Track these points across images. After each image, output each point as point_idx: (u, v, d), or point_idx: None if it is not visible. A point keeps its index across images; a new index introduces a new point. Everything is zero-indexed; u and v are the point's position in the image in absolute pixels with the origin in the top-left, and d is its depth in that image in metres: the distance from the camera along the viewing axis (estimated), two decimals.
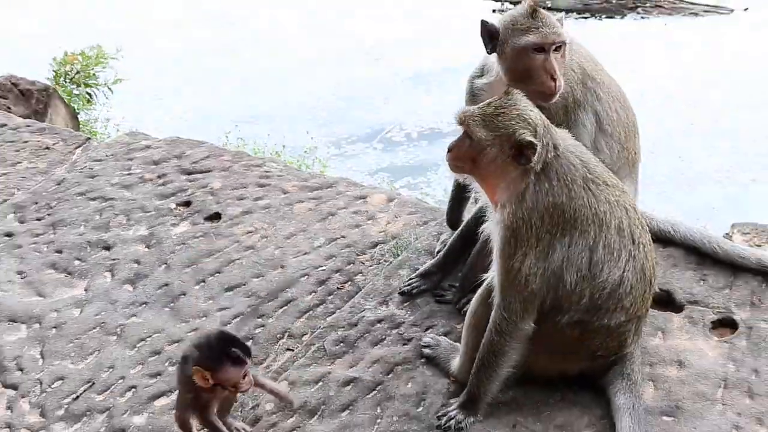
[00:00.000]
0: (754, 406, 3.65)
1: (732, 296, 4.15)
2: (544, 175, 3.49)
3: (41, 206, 5.40)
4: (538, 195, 3.48)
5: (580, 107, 4.09)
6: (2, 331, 4.56)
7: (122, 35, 16.31)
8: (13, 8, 20.07)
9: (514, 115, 3.47)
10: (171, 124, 13.87)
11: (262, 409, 3.94)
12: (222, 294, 4.62)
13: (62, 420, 4.07)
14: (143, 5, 20.23)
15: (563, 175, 3.50)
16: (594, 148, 4.10)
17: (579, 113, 4.09)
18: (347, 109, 15.24)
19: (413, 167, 13.45)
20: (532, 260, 3.49)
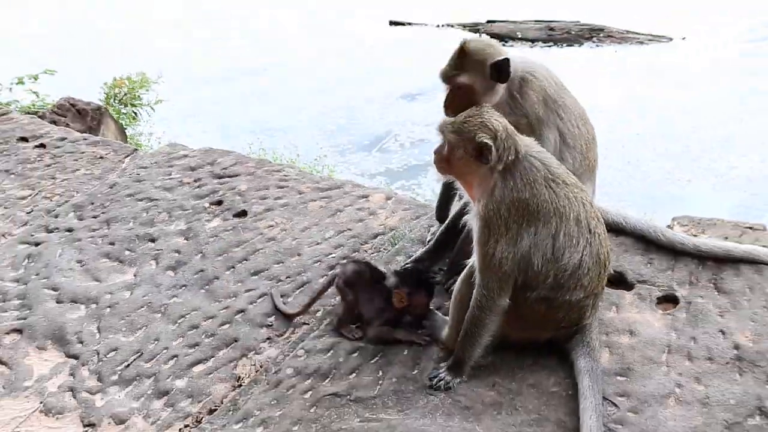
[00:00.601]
0: (693, 367, 3.65)
1: (674, 276, 4.15)
2: (509, 174, 3.54)
3: (97, 206, 5.40)
4: (504, 191, 3.52)
5: (543, 125, 4.08)
6: (65, 310, 4.56)
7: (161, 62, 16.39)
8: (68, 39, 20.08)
9: (478, 122, 3.54)
10: (203, 136, 13.90)
11: (283, 374, 3.94)
12: (249, 278, 4.62)
13: (116, 384, 4.07)
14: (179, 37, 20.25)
15: (526, 175, 3.54)
16: (559, 158, 4.09)
17: (543, 129, 4.08)
18: (350, 123, 15.29)
19: (406, 171, 13.48)
20: (503, 246, 3.51)
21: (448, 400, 3.64)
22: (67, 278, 4.80)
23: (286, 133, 15.02)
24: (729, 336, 3.77)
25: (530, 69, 4.10)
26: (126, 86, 13.48)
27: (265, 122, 15.66)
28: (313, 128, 15.25)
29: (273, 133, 14.98)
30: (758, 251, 4.17)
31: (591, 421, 3.37)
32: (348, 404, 3.71)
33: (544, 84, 4.11)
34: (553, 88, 4.13)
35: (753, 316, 3.86)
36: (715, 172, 12.75)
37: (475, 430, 3.49)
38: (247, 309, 4.40)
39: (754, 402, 3.46)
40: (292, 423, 3.66)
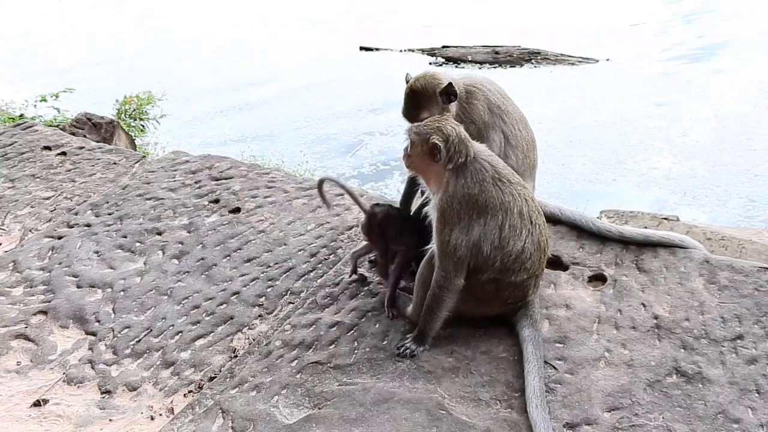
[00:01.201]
0: (619, 335, 3.67)
1: (602, 259, 4.17)
2: (461, 173, 3.56)
3: (111, 205, 5.34)
4: (456, 187, 3.54)
5: (489, 128, 4.10)
6: (85, 294, 4.51)
7: (164, 80, 16.34)
8: (81, 62, 19.94)
9: (434, 127, 3.58)
10: (201, 145, 13.88)
11: (273, 345, 3.92)
12: (242, 264, 4.59)
13: (129, 357, 4.03)
14: (180, 58, 20.16)
15: (476, 174, 3.56)
16: (504, 156, 4.11)
17: (489, 132, 4.10)
18: (327, 134, 15.28)
19: (375, 174, 13.49)
20: (456, 234, 3.53)
21: (414, 366, 3.64)
22: (86, 267, 4.74)
23: (272, 142, 14.99)
24: (649, 308, 3.80)
25: (474, 82, 4.14)
26: (135, 103, 13.44)
27: (254, 133, 15.63)
28: (296, 138, 15.22)
29: (261, 142, 14.95)
30: (672, 236, 4.21)
31: (534, 382, 3.39)
32: (328, 370, 3.70)
33: (487, 93, 4.14)
34: (495, 96, 4.16)
35: (669, 291, 3.89)
36: (637, 173, 12.84)
37: (436, 391, 3.49)
38: (242, 291, 4.38)
39: (671, 363, 3.48)
40: (280, 387, 3.65)
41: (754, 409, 3.25)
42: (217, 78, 18.76)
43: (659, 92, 16.00)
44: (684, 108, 15.20)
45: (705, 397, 3.32)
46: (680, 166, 13.04)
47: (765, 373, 3.39)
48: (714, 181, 12.46)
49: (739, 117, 14.62)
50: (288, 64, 19.54)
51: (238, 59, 20.10)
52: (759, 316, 3.65)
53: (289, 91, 17.69)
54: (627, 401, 3.34)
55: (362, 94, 17.12)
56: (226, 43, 21.64)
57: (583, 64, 17.60)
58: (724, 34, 19.13)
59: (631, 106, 15.44)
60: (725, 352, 3.51)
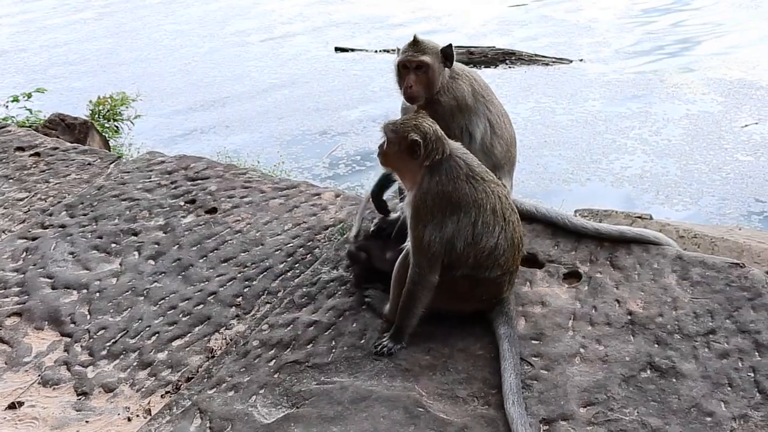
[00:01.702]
0: (594, 331, 3.72)
1: (577, 256, 4.20)
2: (436, 170, 3.59)
3: (86, 205, 5.30)
4: (431, 184, 3.58)
5: (473, 113, 4.15)
6: (60, 295, 4.48)
7: (139, 82, 16.28)
8: (55, 62, 19.79)
9: (412, 124, 3.61)
10: (175, 146, 13.82)
11: (250, 345, 3.92)
12: (219, 265, 4.58)
13: (105, 358, 4.02)
14: (155, 59, 20.05)
15: (450, 172, 3.60)
16: (490, 145, 4.16)
17: (473, 118, 4.15)
18: (303, 135, 15.24)
19: (351, 175, 13.50)
20: (430, 230, 3.57)
21: (391, 364, 3.66)
22: (61, 268, 4.71)
23: (248, 143, 14.94)
24: (623, 304, 3.84)
25: (459, 68, 4.19)
26: (109, 104, 13.36)
27: (229, 133, 15.58)
28: (271, 139, 15.17)
29: (236, 143, 14.91)
30: (646, 233, 4.25)
31: (511, 379, 3.41)
32: (306, 370, 3.71)
33: (471, 79, 4.20)
34: (479, 84, 4.22)
35: (642, 287, 3.93)
36: (611, 172, 12.92)
37: (414, 389, 3.51)
38: (218, 291, 4.37)
39: (645, 358, 3.53)
40: (258, 387, 3.65)
41: (727, 402, 3.30)
42: (191, 79, 18.66)
43: (632, 92, 16.12)
44: (656, 107, 15.32)
45: (678, 391, 3.36)
46: (653, 164, 13.14)
47: (737, 366, 3.44)
48: (686, 180, 12.59)
49: (709, 116, 14.77)
50: (263, 64, 19.46)
51: (211, 60, 19.99)
52: (730, 311, 3.71)
53: (264, 92, 17.62)
54: (602, 396, 3.38)
55: (338, 94, 17.11)
56: (198, 43, 21.52)
57: (557, 64, 17.68)
58: (695, 34, 19.32)
59: (604, 105, 15.54)
60: (698, 346, 3.56)
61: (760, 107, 14.91)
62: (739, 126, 14.28)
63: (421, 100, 4.05)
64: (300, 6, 24.53)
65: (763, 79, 16.14)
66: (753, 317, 3.65)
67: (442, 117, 4.00)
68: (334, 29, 21.86)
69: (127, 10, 25.49)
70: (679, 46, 18.68)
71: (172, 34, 22.52)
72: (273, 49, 20.52)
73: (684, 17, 20.71)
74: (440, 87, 4.05)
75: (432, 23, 21.53)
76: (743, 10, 20.82)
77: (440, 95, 4.05)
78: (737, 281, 3.86)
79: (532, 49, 18.45)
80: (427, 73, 3.99)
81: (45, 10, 25.96)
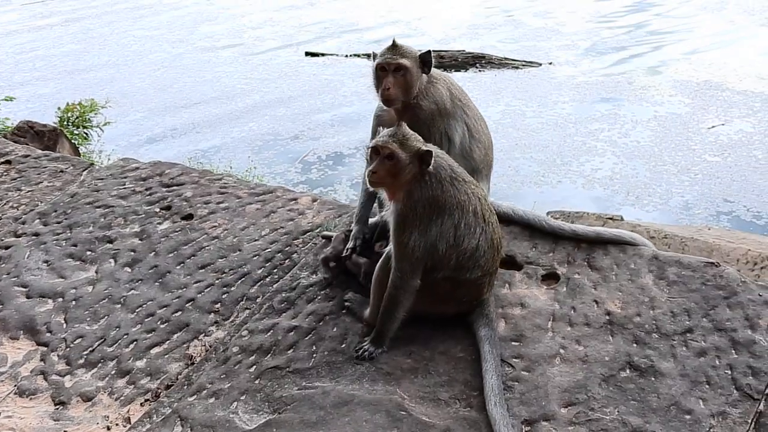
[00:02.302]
0: (573, 331, 3.75)
1: (555, 257, 4.23)
2: (424, 176, 3.59)
3: (59, 213, 5.23)
4: (422, 191, 3.58)
5: (451, 117, 4.16)
6: (35, 304, 4.43)
7: (107, 88, 16.15)
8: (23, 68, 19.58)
9: (413, 138, 3.61)
10: (147, 153, 13.72)
11: (230, 351, 3.91)
12: (197, 271, 4.55)
13: (83, 367, 3.98)
14: (124, 67, 19.90)
15: (436, 175, 3.61)
16: (469, 149, 4.18)
17: (451, 121, 4.16)
18: (275, 140, 15.19)
19: (324, 179, 13.46)
20: (416, 236, 3.58)
21: (373, 368, 3.66)
22: (36, 276, 4.65)
23: (219, 149, 14.87)
24: (602, 305, 3.88)
25: (435, 72, 4.18)
26: (78, 110, 13.21)
27: (200, 139, 15.49)
28: (242, 145, 15.10)
29: (207, 149, 14.84)
30: (623, 234, 4.29)
31: (492, 380, 3.43)
32: (287, 375, 3.70)
33: (448, 83, 4.22)
34: (456, 89, 4.24)
35: (620, 288, 3.97)
36: (582, 174, 13.02)
37: (396, 392, 3.52)
38: (197, 298, 4.34)
39: (624, 358, 3.57)
40: (239, 393, 3.64)
41: (705, 400, 3.34)
42: (160, 84, 18.53)
43: (600, 94, 16.27)
44: (624, 109, 15.47)
45: (658, 390, 3.40)
46: (623, 166, 13.27)
47: (714, 364, 3.49)
48: (655, 181, 12.72)
49: (677, 117, 14.95)
50: (232, 69, 19.37)
51: (180, 65, 19.87)
52: (707, 310, 3.75)
53: (234, 97, 17.54)
54: (583, 396, 3.41)
55: (308, 99, 17.09)
56: (167, 49, 21.37)
57: (527, 68, 17.79)
58: (661, 37, 19.55)
59: (573, 108, 15.67)
60: (676, 345, 3.60)
61: (726, 108, 15.12)
62: (706, 127, 14.47)
63: (398, 104, 4.05)
64: (269, 11, 24.46)
65: (729, 80, 16.38)
66: (729, 315, 3.70)
67: (423, 122, 4.01)
68: (303, 34, 21.82)
69: (95, 16, 25.23)
70: (646, 48, 18.89)
71: (140, 40, 22.33)
72: (243, 54, 20.44)
73: (650, 20, 20.96)
74: (418, 92, 4.05)
75: (402, 27, 21.56)
76: (708, 12, 21.11)
77: (420, 100, 4.05)
78: (713, 280, 3.91)
79: (502, 53, 18.55)
80: (405, 76, 3.98)
81: (10, 16, 25.65)
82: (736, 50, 17.94)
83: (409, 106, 4.04)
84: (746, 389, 3.35)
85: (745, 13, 20.54)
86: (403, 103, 4.04)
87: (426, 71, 4.07)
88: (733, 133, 14.13)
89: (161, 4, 26.17)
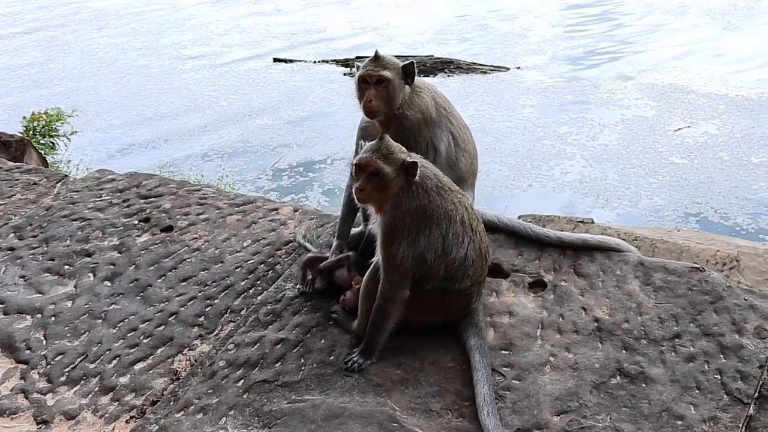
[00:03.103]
0: (563, 339, 3.74)
1: (541, 265, 4.22)
2: (410, 187, 3.56)
3: (35, 227, 5.12)
4: (409, 201, 3.56)
5: (437, 126, 4.14)
6: (13, 320, 4.32)
7: (73, 97, 15.95)
8: None
9: (397, 150, 3.57)
10: (114, 162, 13.59)
11: (217, 366, 3.84)
12: (179, 284, 4.47)
13: (65, 384, 3.88)
14: (89, 75, 19.66)
15: (423, 185, 3.58)
16: (455, 158, 4.16)
17: (437, 131, 4.14)
18: (245, 148, 15.12)
19: (295, 187, 13.43)
20: (404, 247, 3.55)
21: (362, 380, 3.62)
22: (12, 292, 4.54)
23: (188, 158, 14.76)
24: (589, 311, 3.88)
25: (419, 81, 4.16)
26: (44, 120, 13.01)
27: (168, 148, 15.36)
28: (212, 153, 15.01)
29: (177, 157, 14.72)
30: (608, 240, 4.30)
31: (484, 390, 3.41)
32: (276, 389, 3.65)
33: (432, 92, 4.20)
34: (440, 98, 4.22)
35: (607, 294, 3.97)
36: (551, 177, 13.13)
37: (387, 404, 3.48)
38: (179, 311, 4.26)
39: (614, 365, 3.57)
40: (228, 408, 3.58)
41: (696, 405, 3.35)
42: (126, 93, 18.35)
43: (568, 98, 16.42)
44: (592, 113, 15.65)
45: (649, 396, 3.40)
46: (592, 169, 13.40)
47: (703, 369, 3.50)
48: (624, 183, 12.87)
49: (644, 120, 15.13)
50: (200, 76, 19.23)
51: (147, 73, 19.68)
52: (694, 315, 3.77)
53: (202, 104, 17.43)
54: (575, 404, 3.40)
55: (278, 105, 17.03)
56: (133, 56, 21.16)
57: (495, 73, 17.89)
58: (627, 41, 19.77)
59: (542, 112, 15.80)
60: (665, 351, 3.61)
61: (691, 111, 15.35)
62: (672, 130, 14.67)
63: (380, 116, 4.02)
64: (235, 18, 24.35)
65: (693, 84, 16.62)
66: (716, 320, 3.72)
67: (409, 131, 3.98)
68: (271, 41, 21.76)
69: (58, 25, 24.93)
70: (611, 53, 19.10)
71: (105, 48, 22.11)
72: (210, 61, 20.32)
73: (615, 25, 21.21)
74: (403, 102, 4.02)
75: (370, 34, 21.61)
76: (671, 17, 21.41)
77: (405, 110, 4.01)
78: (698, 285, 3.93)
79: (470, 58, 18.64)
80: (387, 88, 3.95)
81: None
82: (699, 54, 18.22)
83: (393, 117, 4.00)
84: (736, 394, 3.37)
85: (707, 17, 20.86)
86: (386, 114, 4.01)
87: (409, 82, 4.04)
88: (699, 136, 14.34)
89: (125, 11, 25.95)
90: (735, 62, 17.54)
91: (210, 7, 25.84)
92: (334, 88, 17.53)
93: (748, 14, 20.75)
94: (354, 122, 4.34)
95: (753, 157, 13.36)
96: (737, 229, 11.36)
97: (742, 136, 14.14)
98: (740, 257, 6.81)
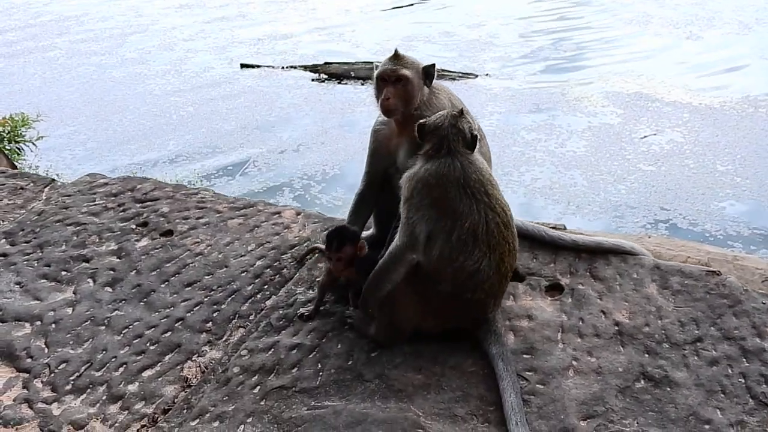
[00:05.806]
0: (584, 343, 3.70)
1: (557, 268, 4.19)
2: (433, 160, 3.55)
3: (27, 232, 4.95)
4: (422, 170, 3.56)
5: None
6: (11, 329, 4.16)
7: (36, 102, 15.61)
8: None
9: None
10: (80, 167, 13.32)
11: (230, 372, 3.74)
12: (183, 289, 4.35)
13: (71, 393, 3.74)
14: (52, 80, 19.30)
15: (443, 169, 3.52)
16: None
17: None
18: (214, 153, 14.94)
19: (266, 192, 13.27)
20: (413, 210, 3.52)
21: (383, 385, 3.54)
22: (8, 299, 4.37)
23: (156, 162, 14.53)
24: (609, 315, 3.84)
25: (436, 83, 4.12)
26: (9, 125, 12.69)
27: (135, 152, 15.10)
28: (180, 157, 14.79)
29: (144, 161, 14.49)
30: (622, 244, 4.28)
31: (511, 398, 3.35)
32: (294, 395, 3.55)
33: (449, 94, 4.17)
34: (456, 99, 4.18)
35: (626, 297, 3.95)
36: (522, 184, 13.14)
37: (410, 409, 3.41)
38: (186, 317, 4.14)
39: (638, 368, 3.53)
40: (245, 415, 3.48)
41: (722, 409, 3.32)
42: (90, 97, 18.01)
43: (536, 105, 16.50)
44: (560, 120, 15.73)
45: (674, 400, 3.37)
46: (561, 176, 13.46)
47: (727, 373, 3.48)
48: (594, 190, 12.93)
49: (610, 128, 15.26)
50: (164, 81, 18.95)
51: (111, 78, 19.34)
52: (714, 319, 3.76)
53: (168, 109, 17.18)
54: (601, 408, 3.35)
55: (245, 110, 16.86)
56: (96, 61, 20.79)
57: (464, 79, 17.90)
58: (592, 49, 19.95)
59: (510, 119, 15.85)
60: (687, 354, 3.59)
61: (657, 118, 15.51)
62: (638, 137, 14.81)
63: (398, 114, 3.94)
64: (200, 23, 24.04)
65: (658, 91, 16.81)
66: (736, 324, 3.71)
67: None
68: (237, 46, 21.53)
69: (17, 28, 24.38)
70: (577, 60, 19.25)
71: (67, 53, 21.66)
72: (175, 66, 20.02)
73: (581, 33, 21.36)
74: (421, 103, 3.95)
75: (336, 40, 21.52)
76: (635, 25, 21.65)
77: (423, 111, 3.93)
78: (716, 289, 3.92)
79: (438, 64, 18.61)
80: (405, 86, 3.88)
81: None
82: (663, 63, 18.44)
83: (411, 117, 3.93)
84: (761, 397, 3.35)
85: (671, 26, 21.14)
86: (403, 114, 3.94)
87: (428, 83, 3.98)
88: (665, 143, 14.49)
89: (87, 17, 25.47)
90: (697, 71, 17.79)
91: (174, 12, 25.50)
92: (302, 94, 17.38)
93: (709, 24, 21.04)
94: (324, 128, 4.30)
95: (718, 164, 13.53)
96: (706, 235, 11.47)
97: (707, 144, 14.31)
98: (711, 264, 6.88)
